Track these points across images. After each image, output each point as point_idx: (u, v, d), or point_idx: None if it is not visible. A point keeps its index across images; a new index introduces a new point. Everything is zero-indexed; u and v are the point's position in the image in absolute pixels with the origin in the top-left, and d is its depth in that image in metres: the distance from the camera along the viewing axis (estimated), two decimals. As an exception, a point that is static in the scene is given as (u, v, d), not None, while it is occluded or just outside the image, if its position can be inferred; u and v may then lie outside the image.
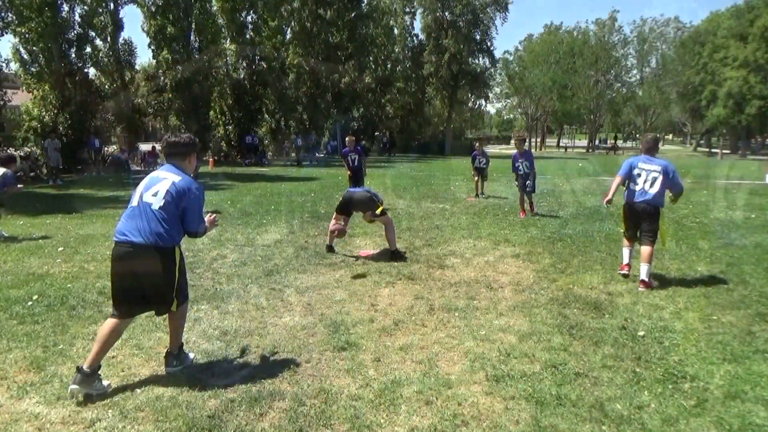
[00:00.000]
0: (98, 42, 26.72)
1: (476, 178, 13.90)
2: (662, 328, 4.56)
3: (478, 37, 46.00)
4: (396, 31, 48.47)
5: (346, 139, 12.17)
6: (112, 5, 27.77)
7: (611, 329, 4.52)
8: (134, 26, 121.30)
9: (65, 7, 23.87)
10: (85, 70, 25.30)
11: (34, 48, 23.49)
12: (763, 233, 8.75)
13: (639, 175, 5.88)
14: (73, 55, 24.54)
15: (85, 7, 24.81)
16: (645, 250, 5.74)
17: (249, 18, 34.38)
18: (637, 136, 78.72)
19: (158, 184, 3.62)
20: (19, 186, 8.55)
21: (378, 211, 7.04)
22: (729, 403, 3.36)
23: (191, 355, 3.98)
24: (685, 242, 7.98)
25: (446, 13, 45.47)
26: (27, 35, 23.07)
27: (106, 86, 27.61)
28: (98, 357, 3.52)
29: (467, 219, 10.12)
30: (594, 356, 4.00)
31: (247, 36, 34.26)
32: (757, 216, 10.59)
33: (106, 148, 25.88)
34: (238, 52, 33.98)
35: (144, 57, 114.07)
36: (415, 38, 49.16)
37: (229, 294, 5.52)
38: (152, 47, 29.58)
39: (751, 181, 19.36)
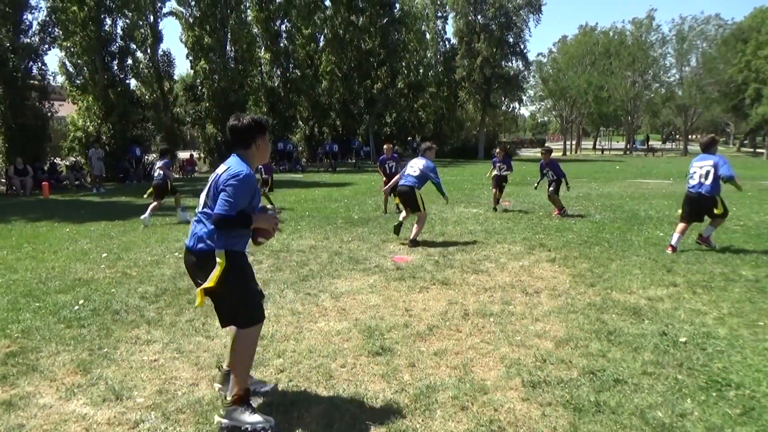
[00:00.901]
0: (139, 54, 27.61)
1: (494, 189, 12.60)
2: (705, 334, 4.44)
3: (511, 39, 45.56)
4: (428, 35, 48.53)
5: (384, 147, 12.24)
6: (151, 18, 28.64)
7: (651, 335, 4.42)
8: (173, 37, 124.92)
9: (108, 21, 24.74)
10: (127, 82, 26.17)
11: (79, 61, 24.44)
12: (812, 236, 8.42)
13: (695, 172, 7.35)
14: (116, 67, 25.43)
15: (127, 21, 25.65)
16: (715, 222, 7.34)
17: (283, 26, 34.99)
18: (677, 137, 76.62)
19: (209, 182, 3.22)
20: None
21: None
22: (777, 412, 3.24)
23: (265, 387, 3.57)
24: (728, 245, 7.73)
25: (478, 17, 45.23)
26: (72, 49, 24.03)
27: (146, 96, 28.46)
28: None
29: (501, 224, 10.03)
30: (633, 363, 3.92)
31: (281, 44, 34.87)
32: (806, 218, 10.19)
33: (146, 157, 26.60)
34: (273, 60, 34.58)
35: (182, 67, 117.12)
36: (447, 42, 49.07)
37: (265, 299, 5.60)
38: (190, 58, 30.42)
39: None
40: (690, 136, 68.34)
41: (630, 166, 30.47)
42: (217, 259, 3.06)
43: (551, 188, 11.18)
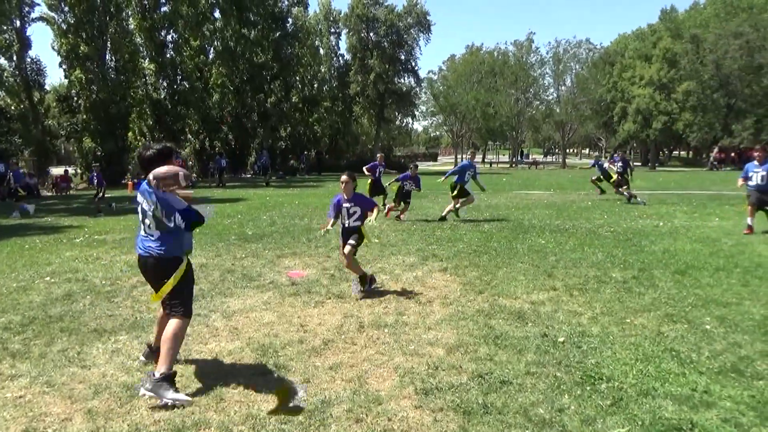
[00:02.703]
0: (2, 61, 25.27)
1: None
2: (580, 333, 4.81)
3: (402, 57, 47.15)
4: (322, 50, 48.83)
5: (378, 155, 15.46)
6: (18, 23, 26.38)
7: (534, 337, 4.72)
8: (44, 44, 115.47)
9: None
10: (-12, 91, 23.83)
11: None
12: (669, 239, 9.40)
13: (754, 174, 10.06)
14: (-26, 75, 23.08)
15: (-13, 25, 23.48)
16: None
17: (169, 37, 33.61)
18: (557, 150, 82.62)
19: (144, 202, 3.85)
20: None
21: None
22: (641, 400, 3.58)
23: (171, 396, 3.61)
24: (601, 250, 8.45)
25: (371, 34, 46.37)
26: None
27: (12, 107, 26.06)
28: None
29: (396, 236, 10.26)
30: (518, 364, 4.15)
31: (168, 55, 33.44)
32: (664, 224, 11.37)
33: (10, 173, 24.24)
34: (158, 72, 33.08)
35: (55, 77, 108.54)
36: (341, 58, 49.73)
37: (150, 323, 5.31)
38: (64, 66, 28.30)
39: (660, 191, 20.76)
40: (567, 150, 73.94)
41: (516, 178, 32.40)
42: (183, 259, 3.89)
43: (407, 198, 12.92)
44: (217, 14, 37.21)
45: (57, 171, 29.80)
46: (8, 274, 7.56)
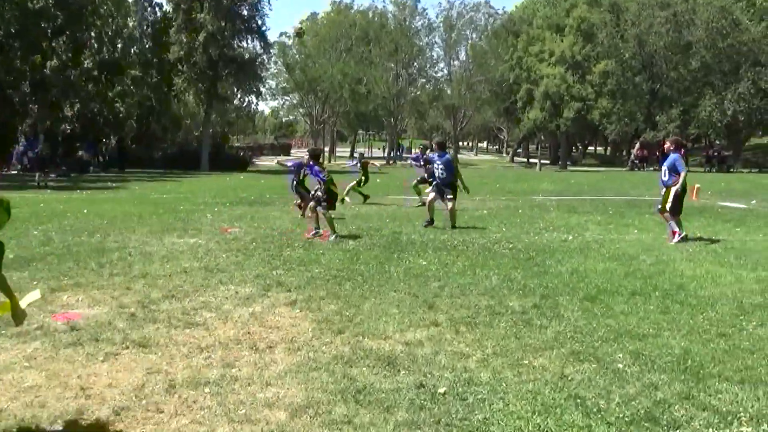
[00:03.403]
0: None
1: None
2: (467, 381, 5.02)
3: (245, 12, 46.65)
4: (128, -3, 47.06)
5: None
6: None
7: (407, 389, 4.84)
8: None
9: None
10: None
11: None
12: (579, 257, 10.19)
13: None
14: None
15: None
16: None
17: None
18: (448, 143, 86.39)
19: None
20: None
21: None
22: (537, 463, 3.80)
23: None
24: (497, 273, 8.93)
25: (200, -23, 45.38)
26: None
27: None
28: None
29: (228, 257, 10.11)
30: (385, 426, 4.23)
31: None
32: (574, 238, 12.29)
33: None
34: None
35: None
36: (157, 9, 48.22)
37: None
38: None
39: (570, 197, 22.43)
40: (461, 143, 77.52)
41: (393, 178, 33.26)
42: None
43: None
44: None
45: None
46: None
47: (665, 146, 12.43)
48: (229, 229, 13.43)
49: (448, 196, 13.61)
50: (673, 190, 11.77)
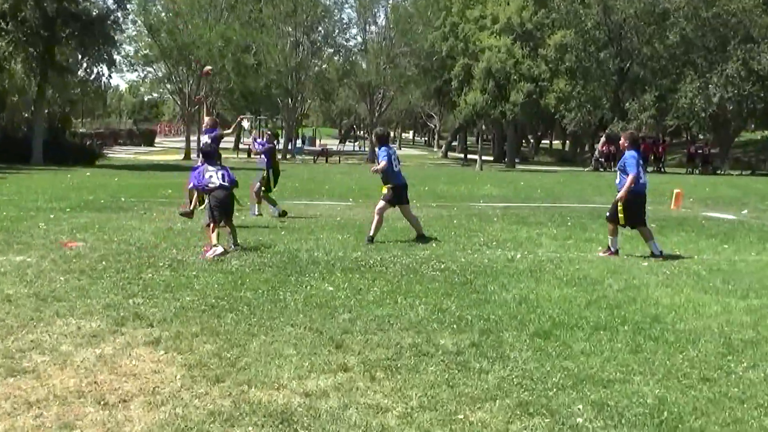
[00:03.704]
0: None
1: None
2: (385, 443, 5.01)
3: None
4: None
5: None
6: None
7: (305, 456, 4.80)
8: None
9: None
10: None
11: None
12: (529, 281, 10.33)
13: None
14: None
15: None
16: None
17: None
18: (363, 133, 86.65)
19: None
20: None
21: None
22: None
23: None
24: (425, 301, 8.96)
25: None
26: None
27: None
28: None
29: (67, 281, 9.84)
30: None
31: None
32: (523, 257, 12.49)
33: None
34: None
35: None
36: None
37: None
38: None
39: (519, 203, 22.82)
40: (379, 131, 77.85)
41: (291, 178, 33.17)
42: None
43: None
44: None
45: None
46: None
47: (620, 142, 13.05)
48: (69, 243, 13.05)
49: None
50: (618, 195, 12.36)
